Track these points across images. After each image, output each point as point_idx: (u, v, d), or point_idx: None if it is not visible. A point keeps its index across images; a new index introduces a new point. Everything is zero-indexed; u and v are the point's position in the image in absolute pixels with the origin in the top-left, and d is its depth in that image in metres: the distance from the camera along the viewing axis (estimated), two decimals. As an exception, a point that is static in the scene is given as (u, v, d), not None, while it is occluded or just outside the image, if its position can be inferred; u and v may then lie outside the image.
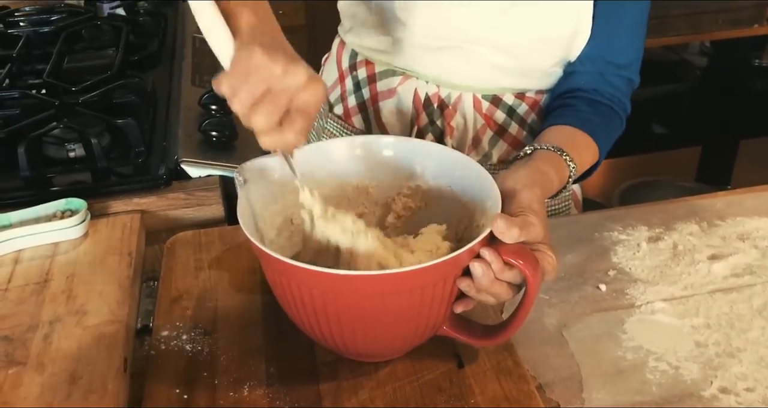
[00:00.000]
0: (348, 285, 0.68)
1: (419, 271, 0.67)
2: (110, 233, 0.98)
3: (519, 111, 1.08)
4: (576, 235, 1.02)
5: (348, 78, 1.14)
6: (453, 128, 1.08)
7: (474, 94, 1.06)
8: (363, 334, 0.73)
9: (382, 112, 1.11)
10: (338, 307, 0.70)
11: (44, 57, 1.39)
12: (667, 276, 0.95)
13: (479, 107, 1.07)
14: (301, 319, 0.74)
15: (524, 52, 1.01)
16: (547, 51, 1.01)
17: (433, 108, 1.08)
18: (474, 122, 1.08)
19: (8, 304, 0.86)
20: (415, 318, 0.72)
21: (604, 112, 1.01)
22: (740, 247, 1.00)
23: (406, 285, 0.68)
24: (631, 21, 1.01)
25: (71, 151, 1.13)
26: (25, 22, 1.61)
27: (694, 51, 2.59)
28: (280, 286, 0.73)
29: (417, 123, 1.09)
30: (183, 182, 1.08)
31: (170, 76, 1.39)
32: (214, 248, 0.97)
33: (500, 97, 1.07)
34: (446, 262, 0.67)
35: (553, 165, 0.86)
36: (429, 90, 1.07)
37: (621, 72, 1.02)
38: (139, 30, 1.55)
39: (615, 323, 0.87)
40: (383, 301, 0.69)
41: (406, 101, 1.09)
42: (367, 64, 1.11)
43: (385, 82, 1.10)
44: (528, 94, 1.07)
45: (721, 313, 0.89)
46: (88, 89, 1.22)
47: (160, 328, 0.84)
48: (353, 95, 1.14)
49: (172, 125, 1.21)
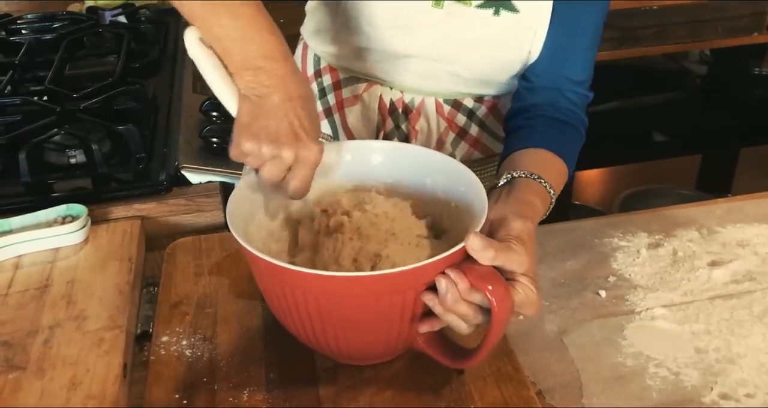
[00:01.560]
0: (323, 285, 0.68)
1: (395, 274, 0.67)
2: (110, 239, 0.98)
3: (478, 113, 1.11)
4: (576, 242, 1.03)
5: (313, 84, 1.15)
6: (417, 132, 1.10)
7: (436, 99, 1.09)
8: (343, 335, 0.73)
9: (348, 117, 1.13)
10: (319, 307, 0.70)
11: (46, 64, 1.40)
12: (666, 282, 0.95)
13: (441, 111, 1.10)
14: (281, 313, 0.75)
15: (479, 69, 1.03)
16: (503, 68, 1.03)
17: (398, 113, 1.10)
18: (437, 125, 1.11)
19: (8, 309, 0.86)
20: (395, 321, 0.71)
21: (565, 130, 1.00)
22: (740, 253, 1.00)
23: (379, 288, 0.68)
24: (588, 38, 1.01)
25: (72, 158, 1.13)
26: (27, 30, 1.62)
27: (694, 59, 2.59)
28: (259, 279, 0.76)
29: (383, 128, 1.11)
30: (183, 188, 1.09)
31: (171, 83, 1.40)
32: (214, 254, 0.98)
33: (460, 101, 1.09)
34: (423, 268, 0.67)
35: (537, 194, 0.84)
36: (393, 96, 1.09)
37: (577, 88, 1.01)
38: (141, 37, 1.56)
39: (615, 329, 0.87)
40: (357, 303, 0.69)
41: (372, 107, 1.11)
42: (331, 70, 1.13)
43: (349, 88, 1.12)
44: (486, 97, 1.10)
45: (722, 320, 0.89)
46: (89, 96, 1.23)
47: (159, 334, 0.84)
48: (319, 101, 1.15)
49: (172, 132, 1.21)
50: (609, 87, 1.68)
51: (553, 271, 0.97)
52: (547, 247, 1.01)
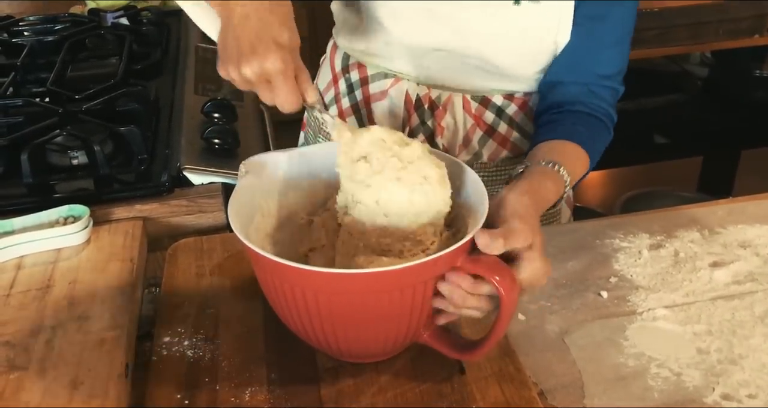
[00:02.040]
0: (325, 282, 0.68)
1: (398, 271, 0.67)
2: (112, 240, 0.98)
3: (508, 111, 1.10)
4: (577, 243, 1.03)
5: (341, 80, 1.16)
6: (443, 128, 1.10)
7: (464, 95, 1.08)
8: (343, 332, 0.73)
9: (374, 113, 1.13)
10: (318, 304, 0.70)
11: (48, 66, 1.40)
12: (668, 283, 0.95)
13: (468, 108, 1.09)
14: (282, 311, 0.75)
15: (504, 62, 1.02)
16: (527, 61, 1.02)
17: (424, 109, 1.10)
18: (464, 122, 1.10)
19: (10, 309, 0.86)
20: (395, 319, 0.72)
21: (591, 122, 1.00)
22: (742, 254, 1.00)
23: (382, 285, 0.68)
24: (617, 33, 1.01)
25: (74, 159, 1.13)
26: (30, 32, 1.62)
27: (695, 61, 2.59)
28: (262, 278, 0.75)
29: (409, 124, 1.11)
30: (185, 189, 1.09)
31: (173, 84, 1.40)
32: (215, 255, 0.98)
33: (489, 98, 1.08)
34: (425, 264, 0.68)
35: (548, 177, 0.86)
36: (420, 91, 1.09)
37: (605, 82, 1.02)
38: (143, 39, 1.56)
39: (616, 330, 0.87)
40: (361, 300, 0.69)
41: (398, 102, 1.10)
42: (359, 66, 1.13)
43: (376, 84, 1.11)
44: (516, 95, 1.09)
45: (723, 320, 0.89)
46: (91, 97, 1.23)
47: (161, 334, 0.84)
48: (347, 97, 1.15)
49: (174, 133, 1.21)
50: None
51: (554, 272, 0.96)
52: (549, 248, 1.00)
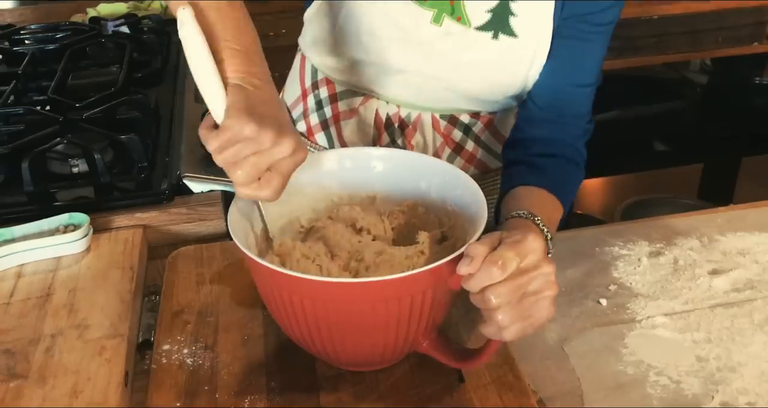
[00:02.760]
0: (326, 291, 0.69)
1: (396, 280, 0.67)
2: (112, 248, 0.99)
3: (474, 129, 1.11)
4: (576, 250, 1.03)
5: (310, 96, 1.16)
6: (413, 147, 1.11)
7: (432, 114, 1.09)
8: (341, 340, 0.74)
9: (343, 131, 1.13)
10: (316, 312, 0.71)
11: (49, 74, 1.40)
12: (667, 291, 0.95)
13: (438, 126, 1.10)
14: (282, 319, 0.75)
15: (477, 89, 1.03)
16: (499, 91, 1.03)
17: (394, 127, 1.10)
18: (433, 141, 1.11)
19: (10, 317, 0.86)
20: (393, 328, 0.72)
21: (563, 166, 1.00)
22: (741, 262, 1.00)
23: (382, 294, 0.69)
24: (591, 76, 1.01)
25: (74, 167, 1.13)
26: (31, 40, 1.62)
27: (695, 69, 2.60)
28: (261, 287, 0.76)
29: (379, 142, 1.11)
30: (185, 197, 1.09)
31: (173, 92, 1.40)
32: (215, 263, 0.98)
33: (457, 117, 1.09)
34: (422, 274, 0.68)
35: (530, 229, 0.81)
36: (390, 110, 1.09)
37: (578, 121, 1.02)
38: (143, 47, 1.56)
39: (616, 338, 0.88)
40: (358, 309, 0.70)
41: (368, 121, 1.11)
42: (328, 82, 1.13)
43: (346, 101, 1.12)
44: (482, 113, 1.10)
45: (722, 328, 0.89)
46: (91, 105, 1.23)
47: (161, 342, 0.84)
48: (315, 113, 1.15)
49: (174, 141, 1.21)
50: (610, 96, 1.68)
51: (553, 280, 0.97)
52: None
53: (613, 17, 0.99)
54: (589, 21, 0.97)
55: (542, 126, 1.02)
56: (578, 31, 0.98)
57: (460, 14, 0.97)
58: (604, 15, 0.97)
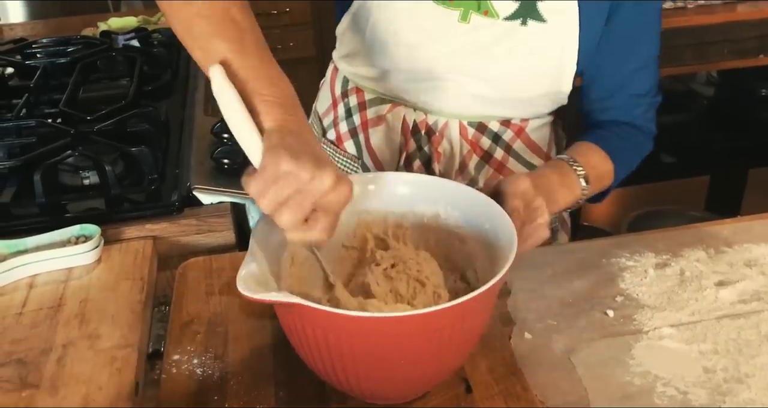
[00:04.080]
0: (360, 326, 0.68)
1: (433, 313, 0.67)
2: (123, 259, 1.00)
3: (504, 137, 1.12)
4: (583, 262, 1.03)
5: (340, 104, 1.17)
6: (440, 154, 1.11)
7: (460, 121, 1.10)
8: (376, 375, 0.73)
9: (371, 138, 1.14)
10: (352, 348, 0.70)
11: (60, 87, 1.42)
12: (674, 302, 0.95)
13: (465, 134, 1.10)
14: (313, 359, 0.74)
15: (507, 84, 1.04)
16: (530, 83, 1.05)
17: (421, 134, 1.11)
18: (460, 148, 1.11)
19: (22, 327, 0.87)
20: (433, 358, 0.72)
21: (626, 132, 1.07)
22: (747, 273, 1.00)
23: (422, 326, 0.68)
24: (644, 55, 1.05)
25: (86, 179, 1.15)
26: (43, 54, 1.64)
27: (701, 81, 2.61)
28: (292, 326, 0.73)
29: (405, 149, 1.12)
30: (195, 209, 1.10)
31: (183, 105, 1.42)
32: (225, 274, 0.99)
33: (486, 124, 1.10)
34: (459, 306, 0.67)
35: (556, 170, 0.95)
36: (416, 117, 1.10)
37: (642, 100, 1.07)
38: (153, 61, 1.58)
39: (622, 348, 0.88)
40: (397, 343, 0.69)
41: (395, 128, 1.12)
42: (358, 91, 1.14)
43: (374, 109, 1.13)
44: (513, 121, 1.11)
45: (729, 339, 0.89)
46: (102, 118, 1.25)
47: (171, 352, 0.85)
48: (344, 121, 1.16)
49: (184, 153, 1.23)
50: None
51: (560, 291, 0.97)
52: (555, 267, 1.01)
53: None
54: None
55: (606, 112, 1.08)
56: (629, 12, 1.01)
57: (486, 8, 0.99)
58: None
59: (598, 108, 1.09)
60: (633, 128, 1.08)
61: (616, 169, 1.04)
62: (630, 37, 1.03)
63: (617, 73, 1.05)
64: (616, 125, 1.07)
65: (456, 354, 0.75)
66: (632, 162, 1.08)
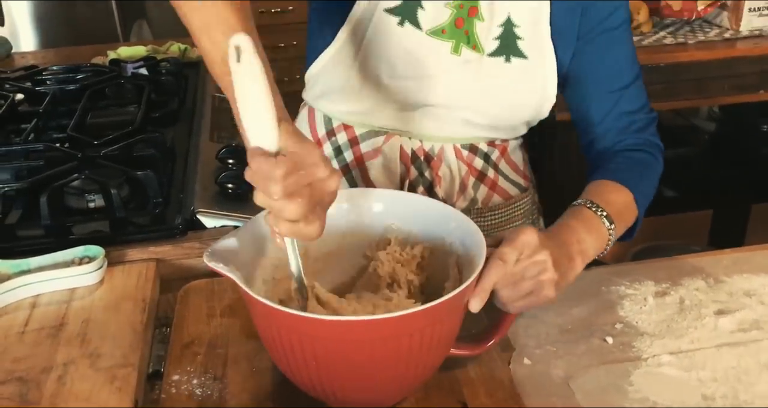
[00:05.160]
0: (332, 330, 0.70)
1: (404, 317, 0.69)
2: (126, 280, 1.01)
3: (492, 157, 1.16)
4: (583, 289, 1.03)
5: (326, 144, 1.17)
6: (441, 178, 1.14)
7: (454, 144, 1.13)
8: (350, 381, 0.74)
9: (369, 171, 1.15)
10: (324, 353, 0.71)
11: (69, 113, 1.44)
12: (673, 330, 0.95)
13: (461, 156, 1.13)
14: (289, 365, 0.76)
15: (494, 112, 1.09)
16: (515, 112, 1.10)
17: (421, 161, 1.13)
18: (459, 170, 1.14)
19: (24, 346, 0.88)
20: (403, 365, 0.73)
21: (633, 157, 1.08)
22: (747, 302, 1.00)
23: (393, 331, 0.70)
24: (628, 74, 1.08)
25: (91, 202, 1.16)
26: (52, 80, 1.67)
27: (703, 116, 2.63)
28: (266, 330, 0.76)
29: (407, 176, 1.14)
30: (198, 232, 1.11)
31: (189, 132, 1.44)
32: (226, 296, 0.99)
33: (476, 145, 1.14)
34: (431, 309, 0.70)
35: (575, 217, 0.95)
36: (413, 145, 1.13)
37: (637, 116, 1.09)
38: (161, 89, 1.60)
39: (621, 375, 0.88)
40: (371, 348, 0.71)
41: (393, 158, 1.13)
42: (346, 127, 1.15)
43: (369, 142, 1.14)
44: (497, 141, 1.15)
45: (728, 367, 0.89)
46: (109, 143, 1.27)
47: (171, 373, 0.86)
48: (334, 160, 1.16)
49: (189, 178, 1.24)
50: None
51: (560, 318, 0.98)
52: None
53: (625, 15, 1.07)
54: (604, 28, 1.05)
55: (609, 137, 1.09)
56: (599, 42, 1.06)
57: (474, 43, 1.04)
58: (614, 18, 1.05)
59: (598, 134, 1.10)
60: (638, 151, 1.08)
61: (636, 198, 1.02)
62: (608, 64, 1.08)
63: (605, 96, 1.08)
64: (621, 153, 1.08)
65: (427, 359, 0.75)
66: (649, 185, 1.07)
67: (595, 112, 1.09)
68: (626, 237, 1.06)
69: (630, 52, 1.09)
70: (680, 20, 2.17)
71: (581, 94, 1.10)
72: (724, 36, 2.07)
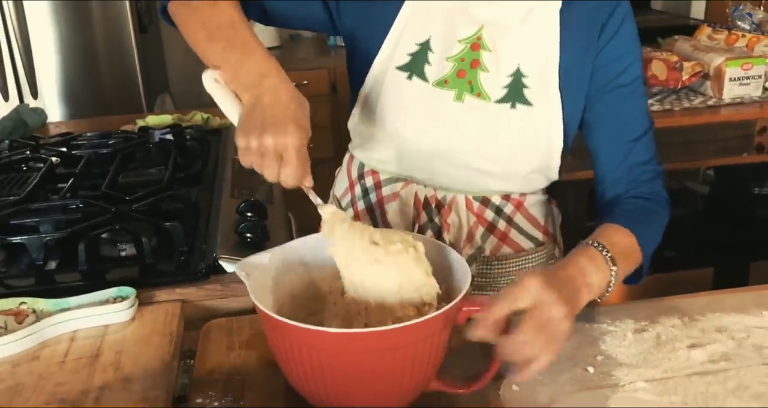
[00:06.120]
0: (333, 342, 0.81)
1: (400, 329, 0.80)
2: (155, 317, 1.11)
3: (506, 210, 1.25)
4: (568, 326, 1.13)
5: (357, 186, 1.32)
6: (449, 225, 1.24)
7: (466, 196, 1.24)
8: (345, 388, 0.84)
9: (387, 213, 1.28)
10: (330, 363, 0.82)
11: (102, 174, 1.57)
12: (649, 361, 1.04)
13: (471, 207, 1.24)
14: (293, 375, 0.87)
15: (503, 159, 1.18)
16: (523, 159, 1.18)
17: (432, 208, 1.25)
18: (467, 220, 1.25)
19: (65, 373, 0.99)
20: (399, 375, 0.84)
21: (640, 204, 1.14)
22: (718, 337, 1.10)
23: (389, 343, 0.81)
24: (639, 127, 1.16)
25: (122, 251, 1.28)
26: (86, 146, 1.81)
27: (697, 179, 2.74)
28: (274, 342, 0.87)
29: (418, 221, 1.26)
30: (219, 276, 1.22)
31: (212, 191, 1.56)
32: (244, 332, 1.10)
33: (489, 198, 1.24)
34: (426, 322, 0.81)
35: (582, 254, 1.01)
36: (427, 193, 1.25)
37: (646, 167, 1.17)
38: (186, 152, 1.74)
39: (600, 400, 0.97)
40: (370, 358, 0.81)
41: (408, 203, 1.26)
42: (373, 173, 1.29)
43: (389, 187, 1.28)
44: (513, 195, 1.25)
45: (698, 393, 0.98)
46: (140, 199, 1.39)
47: (194, 397, 0.96)
48: (362, 200, 1.31)
49: (211, 229, 1.36)
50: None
51: (546, 351, 1.07)
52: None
53: (638, 72, 1.15)
54: (617, 84, 1.14)
55: (617, 185, 1.16)
56: (612, 96, 1.14)
57: (479, 91, 1.14)
58: (626, 75, 1.14)
59: (609, 182, 1.17)
60: (645, 200, 1.14)
61: (639, 242, 1.07)
62: (621, 116, 1.16)
63: (617, 147, 1.16)
64: (629, 200, 1.15)
65: (418, 372, 0.85)
66: (654, 232, 1.12)
67: (608, 162, 1.17)
68: (633, 280, 1.11)
69: (642, 105, 1.17)
70: (667, 89, 2.31)
71: (594, 142, 1.19)
72: (707, 103, 2.21)
